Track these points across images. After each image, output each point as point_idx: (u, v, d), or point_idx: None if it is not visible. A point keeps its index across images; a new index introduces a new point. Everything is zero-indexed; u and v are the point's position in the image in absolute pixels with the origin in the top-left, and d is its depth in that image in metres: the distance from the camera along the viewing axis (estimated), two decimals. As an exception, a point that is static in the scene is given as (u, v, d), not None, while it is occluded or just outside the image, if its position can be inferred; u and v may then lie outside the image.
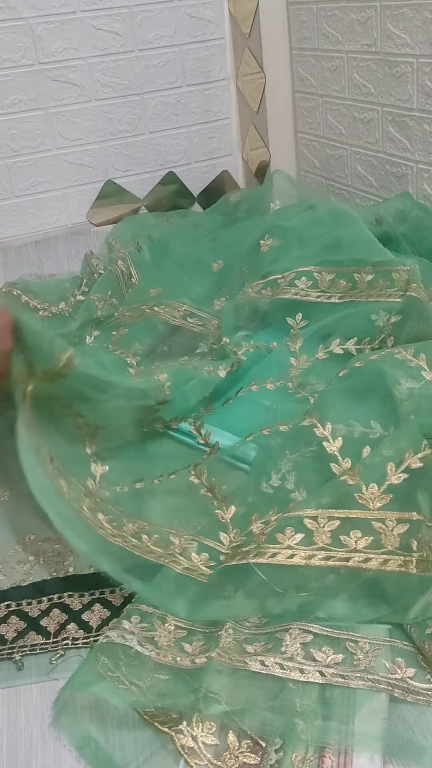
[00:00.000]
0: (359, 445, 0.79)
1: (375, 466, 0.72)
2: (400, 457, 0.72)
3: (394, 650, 0.64)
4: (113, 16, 1.67)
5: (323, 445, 0.80)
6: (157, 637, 0.66)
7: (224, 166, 1.93)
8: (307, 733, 0.57)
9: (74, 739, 0.60)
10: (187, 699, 0.60)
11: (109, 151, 1.78)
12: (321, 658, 0.63)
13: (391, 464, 0.71)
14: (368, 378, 0.86)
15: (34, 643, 0.71)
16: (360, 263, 1.11)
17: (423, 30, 1.26)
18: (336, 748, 0.57)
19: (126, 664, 0.63)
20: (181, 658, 0.64)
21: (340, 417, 0.82)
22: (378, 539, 0.67)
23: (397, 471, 0.71)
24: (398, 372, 0.84)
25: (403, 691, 0.60)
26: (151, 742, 0.59)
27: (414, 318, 0.98)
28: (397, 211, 1.35)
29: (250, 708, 0.59)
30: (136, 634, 0.66)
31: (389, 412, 0.81)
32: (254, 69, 1.73)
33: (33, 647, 0.70)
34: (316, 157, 1.72)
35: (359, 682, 0.61)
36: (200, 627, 0.68)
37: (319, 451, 0.80)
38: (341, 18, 1.47)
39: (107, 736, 0.59)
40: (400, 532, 0.67)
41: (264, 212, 1.40)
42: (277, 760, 0.56)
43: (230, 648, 0.64)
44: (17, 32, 1.59)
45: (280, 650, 0.63)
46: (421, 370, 0.84)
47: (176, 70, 1.78)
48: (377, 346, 1.01)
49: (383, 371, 0.84)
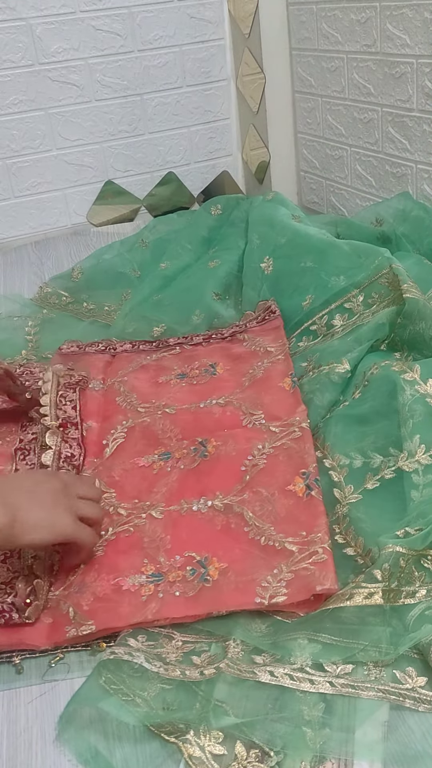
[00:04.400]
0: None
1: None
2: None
3: (404, 659, 0.63)
4: (113, 16, 1.67)
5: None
6: (164, 653, 0.66)
7: (224, 167, 1.93)
8: (315, 741, 0.57)
9: (79, 753, 0.59)
10: (195, 710, 0.60)
11: (109, 151, 1.78)
12: (331, 668, 0.62)
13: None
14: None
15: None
16: (344, 291, 1.10)
17: (423, 30, 1.26)
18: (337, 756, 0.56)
19: (129, 677, 0.63)
20: (190, 671, 0.64)
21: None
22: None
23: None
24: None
25: (415, 701, 0.60)
26: (158, 753, 0.58)
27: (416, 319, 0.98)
28: (397, 211, 1.35)
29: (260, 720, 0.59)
30: (144, 651, 0.66)
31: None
32: (254, 69, 1.73)
33: (32, 650, 0.69)
34: (316, 158, 1.72)
35: (370, 692, 0.60)
36: (207, 638, 0.68)
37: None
38: (341, 18, 1.47)
39: (112, 749, 0.59)
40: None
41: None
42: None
43: (238, 658, 0.64)
44: (17, 32, 1.59)
45: (289, 660, 0.63)
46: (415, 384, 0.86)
47: (176, 71, 1.78)
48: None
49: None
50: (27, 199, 1.74)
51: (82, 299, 1.42)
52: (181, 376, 1.07)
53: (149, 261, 1.46)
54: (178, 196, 1.90)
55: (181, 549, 0.76)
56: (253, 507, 0.79)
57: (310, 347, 1.08)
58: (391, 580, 0.66)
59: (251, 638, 0.66)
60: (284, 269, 1.22)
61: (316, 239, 1.20)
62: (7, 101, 1.63)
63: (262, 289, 1.24)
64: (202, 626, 0.69)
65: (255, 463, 0.85)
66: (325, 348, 1.03)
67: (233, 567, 0.73)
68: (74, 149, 1.74)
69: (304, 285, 1.17)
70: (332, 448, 0.87)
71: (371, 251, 1.12)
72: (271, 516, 0.78)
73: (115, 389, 1.05)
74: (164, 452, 0.90)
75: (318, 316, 1.11)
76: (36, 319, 1.34)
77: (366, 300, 1.06)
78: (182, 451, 0.90)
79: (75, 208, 1.79)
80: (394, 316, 1.00)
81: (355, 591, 0.66)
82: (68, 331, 1.29)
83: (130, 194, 1.84)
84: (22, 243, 1.75)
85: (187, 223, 1.52)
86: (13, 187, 1.71)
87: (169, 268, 1.40)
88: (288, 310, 1.18)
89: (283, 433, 0.89)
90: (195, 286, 1.31)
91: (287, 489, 0.81)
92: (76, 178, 1.77)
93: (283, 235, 1.25)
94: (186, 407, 0.98)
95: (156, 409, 0.98)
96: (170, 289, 1.34)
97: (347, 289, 1.09)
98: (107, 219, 1.83)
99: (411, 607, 0.65)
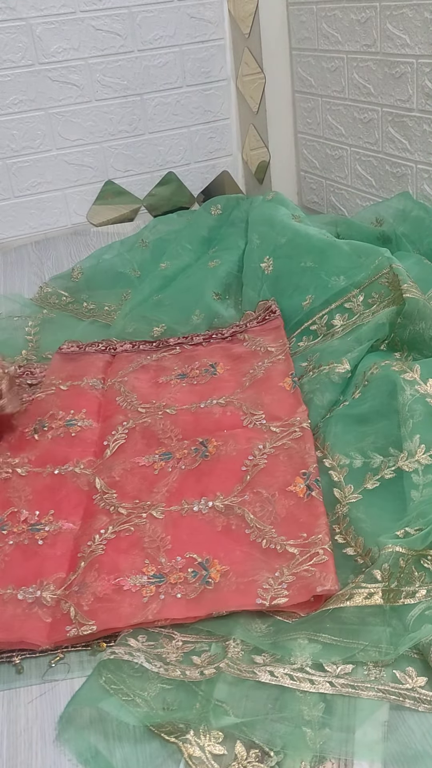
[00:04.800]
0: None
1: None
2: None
3: (404, 659, 0.63)
4: (113, 16, 1.67)
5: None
6: (165, 653, 0.66)
7: (224, 167, 1.93)
8: (315, 741, 0.57)
9: (79, 752, 0.59)
10: (195, 710, 0.60)
11: (109, 151, 1.78)
12: (331, 668, 0.62)
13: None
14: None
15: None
16: (345, 291, 1.10)
17: (423, 30, 1.26)
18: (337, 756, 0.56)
19: (129, 677, 0.63)
20: (190, 671, 0.64)
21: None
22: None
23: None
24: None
25: (415, 701, 0.60)
26: (158, 753, 0.58)
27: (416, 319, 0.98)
28: (397, 211, 1.35)
29: (260, 720, 0.59)
30: (144, 651, 0.66)
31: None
32: (254, 69, 1.73)
33: (33, 650, 0.69)
34: (316, 158, 1.72)
35: (370, 692, 0.60)
36: (207, 638, 0.68)
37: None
38: (341, 18, 1.47)
39: (112, 749, 0.59)
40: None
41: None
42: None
43: (238, 658, 0.64)
44: (17, 32, 1.59)
45: (289, 660, 0.63)
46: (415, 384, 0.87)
47: (176, 71, 1.78)
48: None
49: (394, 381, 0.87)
50: (27, 199, 1.74)
51: (82, 299, 1.42)
52: (181, 376, 1.07)
53: (149, 261, 1.46)
54: (178, 196, 1.90)
55: (182, 550, 0.76)
56: (254, 508, 0.80)
57: (311, 347, 1.08)
58: (391, 580, 0.66)
59: (251, 638, 0.66)
60: (284, 269, 1.23)
61: (317, 239, 1.20)
62: (7, 101, 1.63)
63: (262, 288, 1.25)
64: (203, 626, 0.69)
65: (256, 463, 0.85)
66: (325, 348, 1.03)
67: (234, 569, 0.73)
68: (74, 149, 1.74)
69: (305, 285, 1.17)
70: (332, 448, 0.87)
71: (371, 251, 1.12)
72: (272, 517, 0.78)
73: (115, 389, 1.05)
74: (165, 452, 0.91)
75: (318, 316, 1.12)
76: (36, 319, 1.34)
77: (366, 300, 1.06)
78: (183, 451, 0.90)
79: (75, 208, 1.79)
80: (394, 316, 1.00)
81: (355, 591, 0.66)
82: (68, 331, 1.29)
83: (130, 194, 1.84)
84: (22, 243, 1.75)
85: (187, 223, 1.52)
86: (13, 187, 1.71)
87: (169, 268, 1.40)
88: (288, 309, 1.18)
89: (284, 433, 0.89)
90: (195, 286, 1.31)
91: (288, 489, 0.81)
92: (76, 178, 1.77)
93: (283, 235, 1.26)
94: (186, 407, 0.98)
95: (156, 410, 0.98)
96: (170, 289, 1.34)
97: (347, 288, 1.10)
98: (107, 219, 1.83)
99: (411, 607, 0.65)
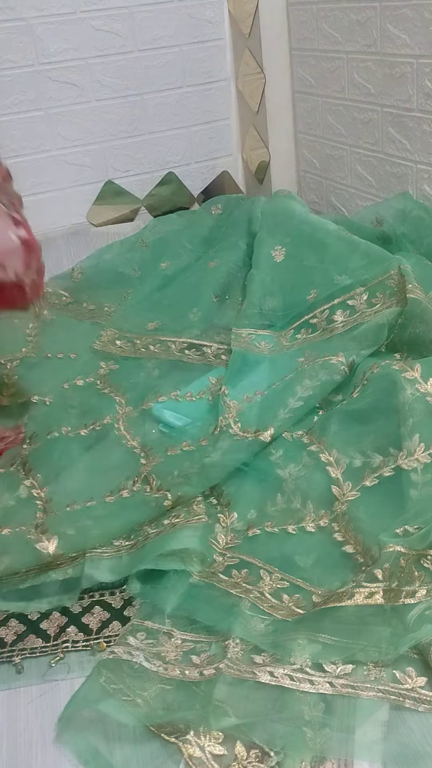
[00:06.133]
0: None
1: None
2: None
3: (404, 659, 0.63)
4: (113, 16, 1.67)
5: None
6: (164, 652, 0.66)
7: (224, 167, 1.93)
8: (315, 742, 0.57)
9: (79, 753, 0.59)
10: (195, 711, 0.60)
11: (109, 151, 1.78)
12: (331, 668, 0.62)
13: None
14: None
15: (33, 646, 0.71)
16: (350, 288, 1.10)
17: (423, 30, 1.26)
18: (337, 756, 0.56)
19: (129, 676, 0.63)
20: (189, 671, 0.64)
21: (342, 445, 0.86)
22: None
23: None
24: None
25: (415, 701, 0.60)
26: (158, 754, 0.58)
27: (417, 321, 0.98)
28: (397, 211, 1.35)
29: (260, 720, 0.59)
30: (143, 650, 0.66)
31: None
32: (254, 69, 1.73)
33: (33, 650, 0.70)
34: (316, 158, 1.72)
35: (370, 692, 0.60)
36: (206, 637, 0.68)
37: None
38: (341, 18, 1.47)
39: (112, 749, 0.59)
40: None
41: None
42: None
43: (238, 659, 0.64)
44: (17, 32, 1.59)
45: (288, 661, 0.63)
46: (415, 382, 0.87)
47: (176, 71, 1.78)
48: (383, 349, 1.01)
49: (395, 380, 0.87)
50: (27, 199, 1.72)
51: (82, 299, 1.42)
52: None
53: (149, 261, 1.46)
54: (178, 196, 1.90)
55: None
56: None
57: (308, 340, 1.08)
58: (391, 580, 0.66)
59: (251, 636, 0.66)
60: (295, 260, 1.22)
61: (336, 235, 1.21)
62: (8, 101, 1.63)
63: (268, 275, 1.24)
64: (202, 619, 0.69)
65: None
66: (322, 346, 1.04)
67: None
68: (74, 149, 1.74)
69: (311, 278, 1.17)
70: (330, 444, 0.87)
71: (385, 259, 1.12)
72: None
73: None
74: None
75: (319, 310, 1.12)
76: (36, 319, 1.34)
77: (370, 299, 1.06)
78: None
79: (75, 208, 1.79)
80: (394, 318, 1.00)
81: (356, 590, 0.66)
82: (68, 331, 1.29)
83: (130, 194, 1.84)
84: (22, 243, 1.75)
85: (187, 223, 1.52)
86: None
87: (170, 267, 1.40)
88: (292, 301, 1.18)
89: None
90: (195, 286, 1.31)
91: None
92: (76, 178, 1.77)
93: (301, 226, 1.26)
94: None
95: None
96: (170, 289, 1.34)
97: (353, 286, 1.10)
98: (107, 219, 1.83)
99: (411, 607, 0.65)
